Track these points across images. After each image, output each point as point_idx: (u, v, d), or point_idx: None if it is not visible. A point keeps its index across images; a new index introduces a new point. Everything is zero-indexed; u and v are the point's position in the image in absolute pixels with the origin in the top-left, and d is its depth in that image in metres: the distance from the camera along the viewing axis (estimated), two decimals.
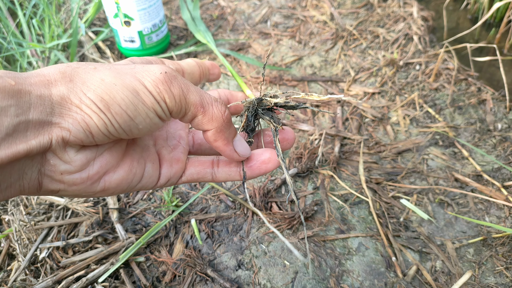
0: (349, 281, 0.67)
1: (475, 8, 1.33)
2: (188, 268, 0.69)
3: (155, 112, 0.29)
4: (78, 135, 0.27)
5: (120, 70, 0.29)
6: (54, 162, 0.28)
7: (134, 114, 0.28)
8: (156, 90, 0.29)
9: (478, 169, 0.84)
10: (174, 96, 0.29)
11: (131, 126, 0.29)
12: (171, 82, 0.29)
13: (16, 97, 0.25)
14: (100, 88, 0.27)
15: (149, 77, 0.29)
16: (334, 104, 1.03)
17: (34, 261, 0.72)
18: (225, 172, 0.37)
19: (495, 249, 0.71)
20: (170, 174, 0.37)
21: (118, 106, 0.27)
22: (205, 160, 0.38)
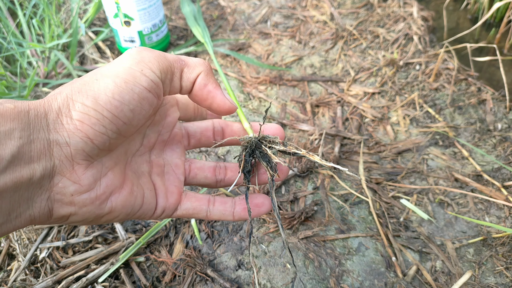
0: (349, 281, 0.67)
1: (475, 8, 1.33)
2: (188, 268, 0.69)
3: (141, 85, 0.29)
4: (78, 145, 0.27)
5: (100, 69, 0.30)
6: (63, 184, 0.28)
7: (121, 96, 0.28)
8: (135, 61, 0.29)
9: (478, 169, 0.84)
10: (156, 58, 0.30)
11: (124, 110, 0.28)
12: (146, 50, 0.30)
13: (17, 120, 0.25)
14: (84, 87, 0.28)
15: (124, 56, 0.30)
16: (334, 104, 1.03)
17: (34, 261, 0.72)
18: (220, 211, 0.38)
19: (495, 249, 0.71)
20: (165, 205, 0.37)
21: (104, 94, 0.27)
22: (202, 197, 0.39)
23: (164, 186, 0.37)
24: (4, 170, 0.24)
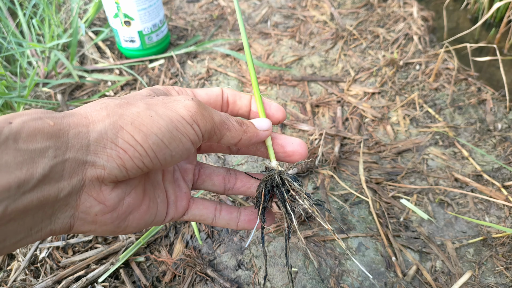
0: (349, 281, 0.67)
1: (475, 8, 1.33)
2: (188, 268, 0.69)
3: (188, 137, 0.30)
4: (113, 171, 0.27)
5: (152, 102, 0.30)
6: (90, 204, 0.28)
7: (169, 142, 0.29)
8: (189, 114, 0.30)
9: (478, 169, 0.84)
10: (205, 118, 0.31)
11: (166, 155, 0.29)
12: (199, 106, 0.31)
13: (55, 138, 0.25)
14: (137, 120, 0.28)
15: (180, 104, 0.31)
16: (334, 104, 1.03)
17: (34, 261, 0.72)
18: (225, 220, 0.40)
19: (495, 249, 0.71)
20: (174, 214, 0.38)
21: (155, 135, 0.28)
22: (209, 204, 0.40)
23: (175, 195, 0.38)
24: (32, 189, 0.24)
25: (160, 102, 0.31)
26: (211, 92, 0.41)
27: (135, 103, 0.30)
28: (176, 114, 0.30)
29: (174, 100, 0.31)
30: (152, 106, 0.30)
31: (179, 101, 0.31)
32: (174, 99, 0.31)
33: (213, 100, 0.41)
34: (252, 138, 0.37)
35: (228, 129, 0.34)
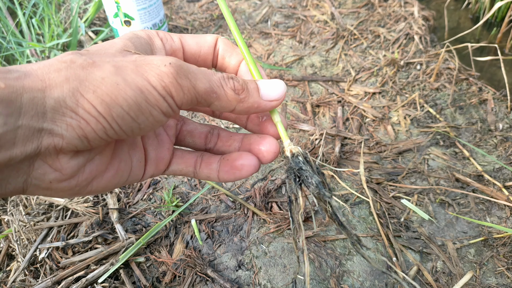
0: (349, 281, 0.67)
1: (476, 7, 1.32)
2: (188, 269, 0.69)
3: (160, 110, 0.27)
4: (72, 141, 0.25)
5: (121, 64, 0.26)
6: (43, 171, 0.26)
7: (136, 114, 0.26)
8: (161, 84, 0.26)
9: (479, 169, 0.84)
10: (182, 88, 0.27)
11: (133, 127, 0.27)
12: (177, 74, 0.27)
13: (5, 103, 0.22)
14: (101, 89, 0.25)
15: (153, 71, 0.26)
16: (334, 104, 1.03)
17: (34, 261, 0.72)
18: (205, 174, 0.36)
19: (496, 250, 0.70)
20: (153, 172, 0.35)
21: (120, 107, 0.25)
22: (189, 158, 0.36)
23: (156, 152, 0.35)
24: None
25: (131, 65, 0.26)
26: (203, 42, 0.36)
27: (102, 64, 0.26)
28: (147, 83, 0.26)
29: (148, 63, 0.27)
30: (120, 70, 0.26)
31: (153, 65, 0.27)
32: (148, 62, 0.27)
33: (204, 53, 0.36)
34: (250, 109, 0.31)
35: (218, 98, 0.29)
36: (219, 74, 0.30)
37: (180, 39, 0.35)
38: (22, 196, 0.83)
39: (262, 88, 0.32)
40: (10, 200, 0.83)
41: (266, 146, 0.35)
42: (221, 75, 0.30)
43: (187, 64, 0.28)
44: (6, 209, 0.82)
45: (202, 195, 0.82)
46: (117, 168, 0.31)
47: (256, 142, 0.35)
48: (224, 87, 0.29)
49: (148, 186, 0.85)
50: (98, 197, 0.83)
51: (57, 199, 0.82)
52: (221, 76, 0.30)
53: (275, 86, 0.32)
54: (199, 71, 0.28)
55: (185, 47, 0.35)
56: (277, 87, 0.32)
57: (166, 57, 0.27)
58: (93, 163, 0.29)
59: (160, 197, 0.82)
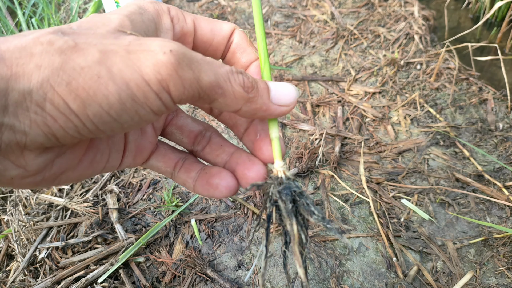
0: (349, 281, 0.67)
1: (477, 7, 1.32)
2: (188, 269, 0.69)
3: (150, 109, 0.22)
4: (37, 139, 0.21)
5: (110, 49, 0.22)
6: (4, 167, 0.22)
7: (119, 114, 0.22)
8: (157, 77, 0.22)
9: (479, 169, 0.84)
10: (183, 81, 0.22)
11: (113, 127, 0.22)
12: (178, 64, 0.22)
13: None
14: (77, 81, 0.20)
15: (148, 60, 0.22)
16: (334, 103, 1.03)
17: (33, 261, 0.72)
18: (182, 179, 0.33)
19: (497, 250, 0.70)
20: (130, 163, 0.31)
21: (98, 106, 0.21)
22: (172, 156, 0.33)
23: (136, 144, 0.31)
24: None
25: (122, 51, 0.22)
26: (219, 30, 0.31)
27: (86, 49, 0.21)
28: (138, 76, 0.21)
29: (144, 49, 0.22)
30: (107, 58, 0.21)
31: (150, 52, 0.22)
32: (143, 47, 0.22)
33: (216, 42, 0.32)
34: (257, 111, 0.27)
35: (223, 94, 0.25)
36: (227, 67, 0.25)
37: (193, 22, 0.30)
38: (21, 196, 0.83)
39: (273, 90, 0.28)
40: (10, 200, 0.82)
41: (253, 173, 0.30)
42: (229, 69, 0.25)
43: (190, 51, 0.23)
44: (5, 209, 0.82)
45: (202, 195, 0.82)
46: (92, 160, 0.27)
47: (244, 165, 0.31)
48: (232, 82, 0.25)
49: (148, 186, 0.85)
50: (98, 197, 0.83)
51: (57, 199, 0.82)
52: (229, 70, 0.25)
53: (288, 90, 0.29)
54: (204, 60, 0.24)
55: (198, 32, 0.31)
56: (290, 91, 0.29)
57: (167, 42, 0.22)
58: (64, 158, 0.25)
59: (160, 197, 0.82)
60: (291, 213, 0.28)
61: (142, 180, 0.86)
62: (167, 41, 0.23)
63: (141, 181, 0.86)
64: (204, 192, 0.31)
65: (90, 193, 0.82)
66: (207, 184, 0.31)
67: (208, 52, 0.33)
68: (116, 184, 0.85)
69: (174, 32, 0.29)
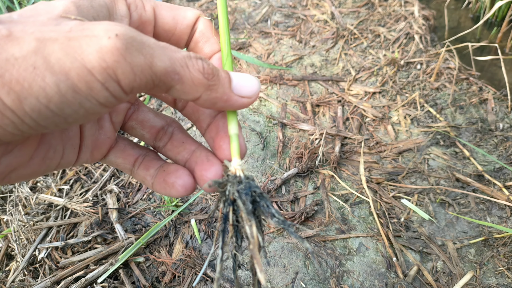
0: (349, 281, 0.67)
1: (477, 7, 1.32)
2: (187, 269, 0.69)
3: (97, 101, 0.20)
4: None
5: (47, 35, 0.19)
6: None
7: (60, 108, 0.20)
8: (102, 65, 0.19)
9: (480, 169, 0.84)
10: (133, 68, 0.20)
11: (56, 122, 0.21)
12: (126, 49, 0.20)
13: None
14: (10, 73, 0.18)
15: (91, 46, 0.19)
16: (334, 103, 1.03)
17: (33, 261, 0.72)
18: (141, 176, 0.31)
19: (497, 250, 0.70)
20: (87, 159, 0.30)
21: (36, 99, 0.19)
22: (131, 152, 0.31)
23: (93, 139, 0.29)
24: None
25: (62, 37, 0.19)
26: (182, 18, 0.30)
27: (22, 37, 0.19)
28: (80, 64, 0.19)
29: (86, 34, 0.20)
30: (45, 46, 0.19)
31: (93, 37, 0.20)
32: (86, 32, 0.20)
33: (179, 31, 0.30)
34: (218, 100, 0.25)
35: (181, 81, 0.23)
36: (184, 52, 0.23)
37: (153, 9, 0.29)
38: (21, 196, 0.83)
39: (235, 80, 0.27)
40: (10, 200, 0.82)
41: (211, 173, 0.29)
42: (187, 54, 0.23)
43: (141, 34, 0.21)
44: (5, 209, 0.82)
45: (202, 195, 0.81)
46: (44, 156, 0.26)
47: (202, 165, 0.30)
48: (190, 68, 0.23)
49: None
50: (97, 197, 0.82)
51: (57, 199, 0.81)
52: (186, 55, 0.23)
53: (250, 82, 0.27)
54: (157, 45, 0.22)
55: (159, 20, 0.29)
56: (252, 83, 0.27)
57: (113, 25, 0.20)
58: (11, 156, 0.23)
59: (160, 197, 0.82)
60: (251, 214, 0.26)
61: None
62: (113, 24, 0.20)
63: None
64: (162, 190, 0.30)
65: (89, 193, 0.82)
66: (164, 182, 0.30)
67: (170, 42, 0.31)
68: (115, 184, 0.85)
69: (131, 20, 0.28)
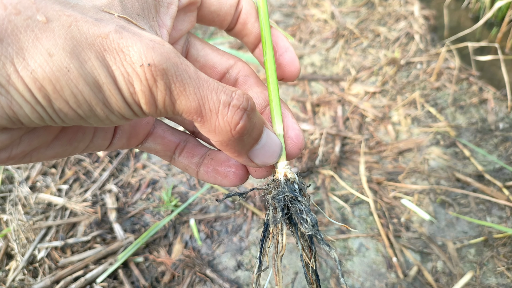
0: (349, 281, 0.67)
1: (477, 7, 1.32)
2: (187, 269, 0.69)
3: (122, 116, 0.20)
4: (1, 121, 0.19)
5: (84, 37, 0.19)
6: None
7: (87, 115, 0.20)
8: (130, 89, 0.19)
9: (480, 169, 0.84)
10: (156, 101, 0.20)
11: (82, 123, 0.21)
12: (154, 81, 0.19)
13: None
14: (43, 69, 0.18)
15: (123, 67, 0.19)
16: (334, 103, 1.02)
17: (33, 260, 0.72)
18: (183, 165, 0.30)
19: (497, 250, 0.70)
20: (123, 145, 0.28)
21: (65, 103, 0.19)
22: (172, 139, 0.30)
23: (130, 124, 0.28)
24: None
25: (99, 44, 0.19)
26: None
27: (59, 30, 0.18)
28: (111, 81, 0.19)
29: (122, 49, 0.19)
30: (81, 49, 0.18)
31: (127, 56, 0.19)
32: (122, 47, 0.19)
33: (224, 12, 0.29)
34: (228, 151, 0.25)
35: (201, 122, 0.22)
36: (224, 96, 0.21)
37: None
38: (21, 195, 0.83)
39: (261, 143, 0.25)
40: (9, 200, 0.82)
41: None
42: (226, 99, 0.21)
43: (178, 65, 0.20)
44: (5, 208, 0.82)
45: (201, 195, 0.81)
46: (71, 138, 0.25)
47: None
48: (219, 116, 0.21)
49: (147, 186, 0.84)
50: (96, 197, 0.82)
51: (56, 198, 0.81)
52: (225, 100, 0.21)
53: (273, 151, 0.26)
54: (191, 80, 0.21)
55: (205, 1, 0.28)
56: (274, 153, 0.26)
57: (150, 48, 0.20)
58: (33, 135, 0.22)
59: (159, 197, 0.82)
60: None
61: (141, 180, 0.86)
62: (151, 46, 0.20)
63: (140, 181, 0.85)
64: (211, 180, 0.29)
65: (89, 193, 0.82)
66: (215, 171, 0.29)
67: (215, 23, 0.30)
68: (115, 183, 0.85)
69: (180, 2, 0.26)
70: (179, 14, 0.27)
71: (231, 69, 0.31)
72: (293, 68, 0.29)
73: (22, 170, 0.88)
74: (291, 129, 0.28)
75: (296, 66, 0.29)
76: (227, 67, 0.31)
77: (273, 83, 0.28)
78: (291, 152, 0.28)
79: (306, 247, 0.26)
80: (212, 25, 0.29)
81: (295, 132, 0.28)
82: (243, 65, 0.31)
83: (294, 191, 0.26)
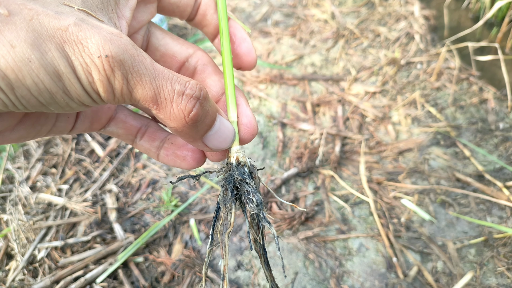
0: (349, 282, 0.67)
1: (477, 7, 1.32)
2: (187, 269, 0.69)
3: (81, 103, 0.22)
4: None
5: (44, 29, 0.20)
6: None
7: (48, 102, 0.21)
8: (88, 78, 0.21)
9: (480, 169, 0.84)
10: (114, 90, 0.21)
11: (43, 109, 0.22)
12: (112, 71, 0.21)
13: None
14: (6, 60, 0.19)
15: (82, 58, 0.20)
16: (334, 103, 1.02)
17: (33, 260, 0.72)
18: (145, 148, 0.31)
19: (497, 250, 0.70)
20: (85, 129, 0.30)
21: (27, 91, 0.20)
22: (131, 124, 0.31)
23: (92, 109, 0.29)
24: None
25: (59, 36, 0.20)
26: None
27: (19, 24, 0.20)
28: (71, 72, 0.20)
29: (80, 41, 0.20)
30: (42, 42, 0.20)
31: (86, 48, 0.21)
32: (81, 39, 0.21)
33: (184, 3, 0.31)
34: (184, 137, 0.26)
35: (157, 109, 0.23)
36: (178, 86, 0.23)
37: None
38: (21, 195, 0.83)
39: (214, 129, 0.27)
40: (10, 199, 0.82)
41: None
42: (180, 89, 0.23)
43: (135, 56, 0.22)
44: (5, 208, 0.82)
45: (202, 195, 0.81)
46: (34, 122, 0.26)
47: None
48: (174, 104, 0.23)
49: (147, 186, 0.84)
50: (96, 197, 0.82)
51: (56, 198, 0.81)
52: (179, 90, 0.23)
53: (226, 137, 0.28)
54: (147, 71, 0.22)
55: None
56: (227, 138, 0.28)
57: (108, 41, 0.21)
58: None
59: (159, 197, 0.82)
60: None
61: (141, 180, 0.86)
62: (109, 38, 0.21)
63: (140, 181, 0.85)
64: (170, 162, 0.31)
65: (89, 193, 0.82)
66: (174, 155, 0.31)
67: (175, 13, 0.31)
68: (115, 183, 0.85)
69: None
70: (139, 5, 0.29)
71: (191, 58, 0.32)
72: (250, 58, 0.31)
73: (22, 170, 0.88)
74: (244, 116, 0.30)
75: (253, 56, 0.31)
76: (186, 56, 0.32)
77: (229, 72, 0.30)
78: (244, 138, 0.30)
79: (255, 224, 0.29)
80: (172, 15, 0.30)
81: (248, 119, 0.30)
82: (202, 54, 0.33)
83: (243, 174, 0.28)
